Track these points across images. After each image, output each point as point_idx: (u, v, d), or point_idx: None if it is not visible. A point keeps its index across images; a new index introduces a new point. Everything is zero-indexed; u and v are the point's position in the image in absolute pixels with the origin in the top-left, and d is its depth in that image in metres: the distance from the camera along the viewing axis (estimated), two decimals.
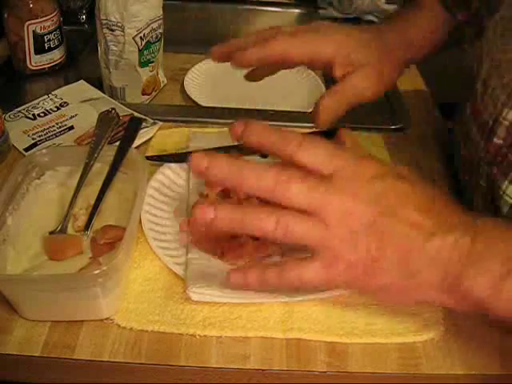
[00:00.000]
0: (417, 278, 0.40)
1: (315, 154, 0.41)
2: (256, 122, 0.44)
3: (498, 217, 0.51)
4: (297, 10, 1.07)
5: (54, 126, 0.69)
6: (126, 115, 0.69)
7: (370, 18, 1.02)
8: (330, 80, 0.98)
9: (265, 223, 0.40)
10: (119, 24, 0.75)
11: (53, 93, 0.75)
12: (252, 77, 0.65)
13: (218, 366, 0.45)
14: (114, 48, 0.77)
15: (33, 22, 0.79)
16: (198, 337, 0.46)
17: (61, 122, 0.70)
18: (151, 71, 0.82)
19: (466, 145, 0.60)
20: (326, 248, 0.41)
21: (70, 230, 0.53)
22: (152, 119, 0.69)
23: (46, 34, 0.80)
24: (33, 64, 0.82)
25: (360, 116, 0.76)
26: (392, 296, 0.43)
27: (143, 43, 0.78)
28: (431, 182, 0.44)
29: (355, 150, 0.45)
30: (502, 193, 0.51)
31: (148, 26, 0.77)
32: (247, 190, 0.41)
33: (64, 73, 0.85)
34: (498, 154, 0.52)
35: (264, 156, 0.62)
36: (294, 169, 0.41)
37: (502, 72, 0.52)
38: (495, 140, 0.52)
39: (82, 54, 0.90)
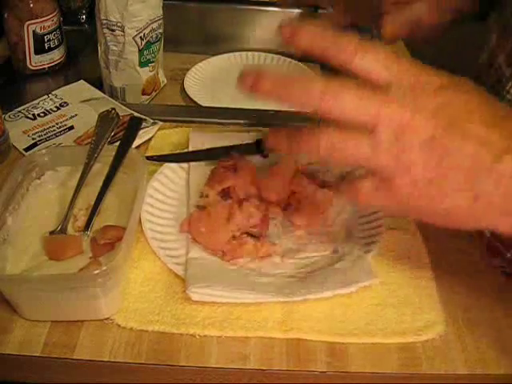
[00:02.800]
0: (483, 201, 0.36)
1: (374, 60, 0.37)
2: (307, 24, 0.39)
3: None
4: (297, 10, 1.07)
5: (54, 126, 0.69)
6: (125, 115, 0.69)
7: None
8: None
9: (309, 143, 0.37)
10: (119, 24, 0.75)
11: (53, 93, 0.75)
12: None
13: (218, 366, 0.45)
14: (114, 48, 0.77)
15: (33, 21, 0.79)
16: (197, 337, 0.46)
17: (61, 122, 0.70)
18: (151, 71, 0.82)
19: None
20: (377, 167, 0.37)
21: (70, 230, 0.53)
22: (152, 119, 0.69)
23: (46, 34, 0.80)
24: (33, 64, 0.82)
25: None
26: (453, 222, 0.39)
27: (143, 43, 0.78)
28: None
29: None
30: None
31: (148, 25, 0.77)
32: (293, 103, 0.38)
33: (64, 73, 0.85)
34: None
35: (265, 156, 0.63)
36: (345, 78, 0.37)
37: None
38: None
39: (82, 54, 0.90)
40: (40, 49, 0.81)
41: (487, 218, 0.38)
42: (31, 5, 0.78)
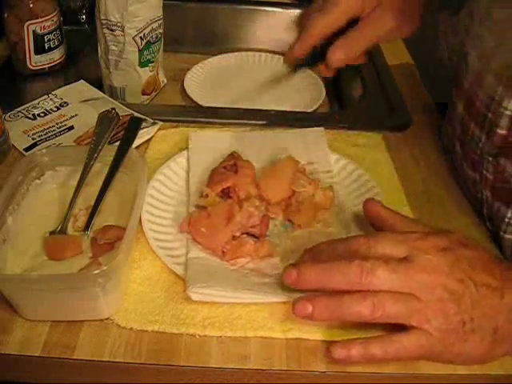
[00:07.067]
0: (499, 333, 0.43)
1: (385, 245, 0.45)
2: (304, 265, 0.46)
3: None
4: (297, 10, 1.07)
5: (53, 126, 0.69)
6: (126, 115, 0.69)
7: None
8: (329, 80, 0.99)
9: (363, 308, 0.42)
10: (119, 24, 0.75)
11: (53, 93, 0.75)
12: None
13: (218, 366, 0.45)
14: (114, 48, 0.77)
15: (33, 22, 0.78)
16: (197, 337, 0.46)
17: (61, 122, 0.70)
18: (151, 71, 0.82)
19: (463, 142, 0.61)
20: (420, 321, 0.42)
21: (70, 230, 0.53)
22: (152, 119, 0.70)
23: (46, 34, 0.80)
24: (33, 64, 0.82)
25: (360, 116, 0.77)
26: (478, 356, 0.44)
27: (143, 43, 0.78)
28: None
29: (411, 226, 0.49)
30: None
31: (148, 25, 0.77)
32: (337, 287, 0.44)
33: (64, 73, 0.85)
34: (504, 144, 0.54)
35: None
36: (372, 257, 0.44)
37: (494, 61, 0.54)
38: (499, 131, 0.54)
39: (82, 54, 0.90)
40: (40, 49, 0.81)
41: (506, 349, 0.45)
42: (31, 5, 0.78)
